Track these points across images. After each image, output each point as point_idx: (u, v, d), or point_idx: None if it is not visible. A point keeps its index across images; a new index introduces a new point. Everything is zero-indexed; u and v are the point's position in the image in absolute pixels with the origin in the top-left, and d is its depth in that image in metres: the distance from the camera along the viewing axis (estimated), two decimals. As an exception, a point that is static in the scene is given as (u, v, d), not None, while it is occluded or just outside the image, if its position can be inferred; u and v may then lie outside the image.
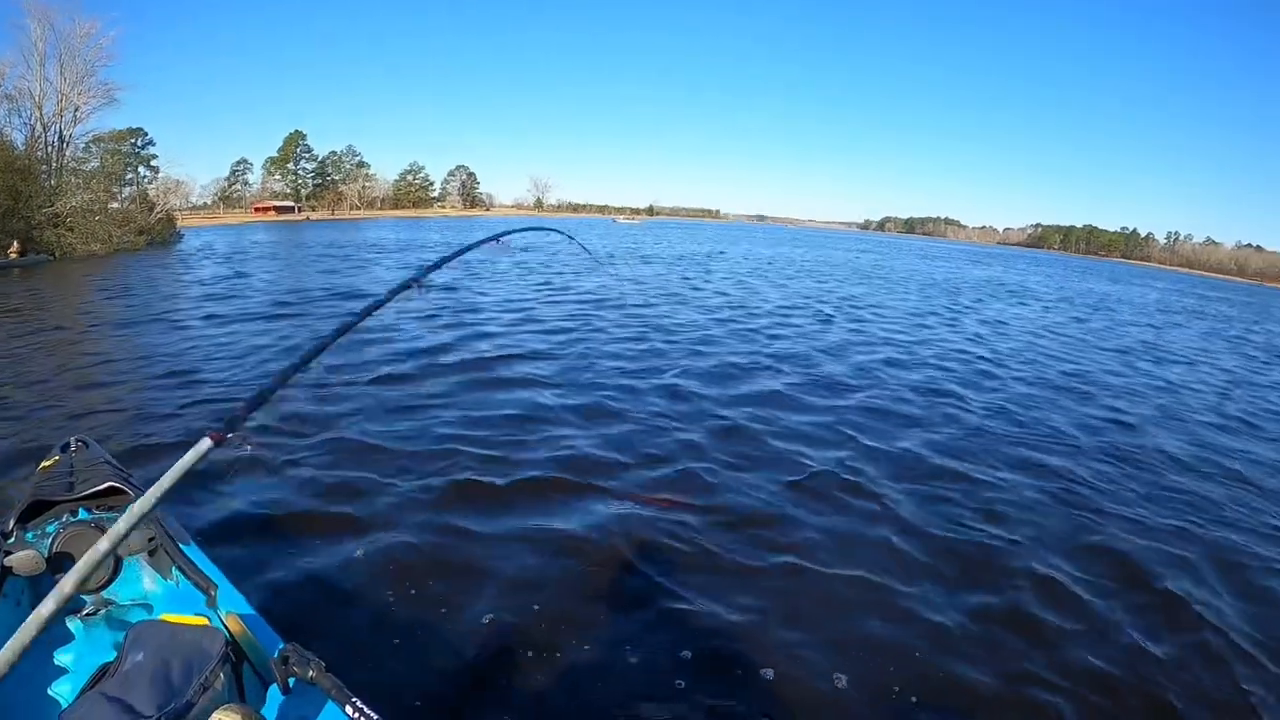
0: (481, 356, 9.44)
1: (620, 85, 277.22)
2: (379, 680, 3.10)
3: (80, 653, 2.13)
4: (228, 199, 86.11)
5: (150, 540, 2.52)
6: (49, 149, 30.28)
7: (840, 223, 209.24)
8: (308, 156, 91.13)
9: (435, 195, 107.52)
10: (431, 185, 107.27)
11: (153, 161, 59.27)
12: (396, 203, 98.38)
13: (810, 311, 16.82)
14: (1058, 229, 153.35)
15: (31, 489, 2.70)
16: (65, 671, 2.07)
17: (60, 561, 2.42)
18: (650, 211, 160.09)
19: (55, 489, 2.67)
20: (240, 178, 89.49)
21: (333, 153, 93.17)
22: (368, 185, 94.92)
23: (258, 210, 78.80)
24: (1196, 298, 42.45)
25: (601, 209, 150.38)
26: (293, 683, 1.79)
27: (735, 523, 4.94)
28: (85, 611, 2.36)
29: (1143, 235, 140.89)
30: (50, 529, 2.50)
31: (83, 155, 33.35)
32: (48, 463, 3.02)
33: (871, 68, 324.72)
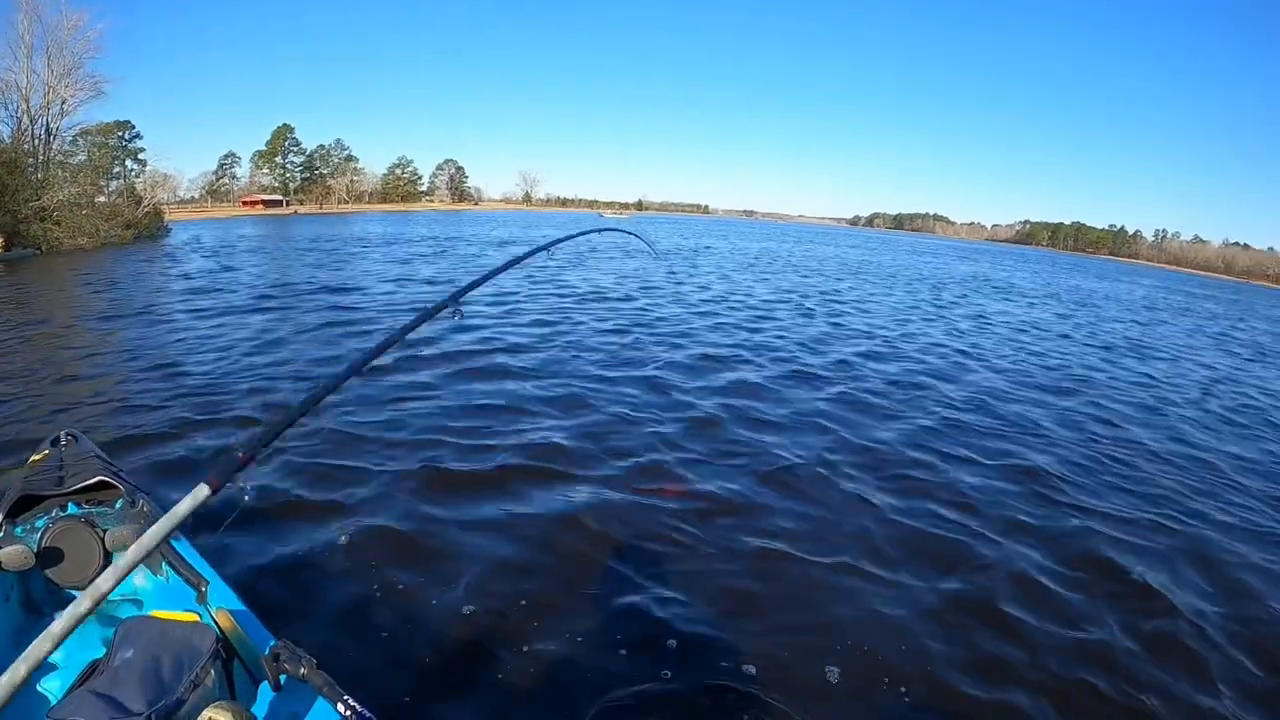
0: (464, 349, 9.50)
1: (610, 81, 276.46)
2: (360, 665, 3.14)
3: (69, 649, 2.01)
4: (215, 193, 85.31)
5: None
6: (35, 142, 30.00)
7: (829, 218, 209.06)
8: (296, 150, 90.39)
9: (423, 189, 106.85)
10: (420, 179, 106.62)
11: (140, 155, 58.51)
12: (385, 196, 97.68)
13: (792, 305, 16.93)
14: (1046, 226, 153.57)
15: (21, 483, 2.68)
16: (54, 668, 2.03)
17: (49, 556, 2.40)
18: (639, 206, 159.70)
19: (45, 483, 2.66)
20: (228, 171, 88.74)
21: (321, 146, 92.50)
22: (356, 179, 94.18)
23: (245, 204, 78.09)
24: (1184, 295, 42.76)
25: (591, 204, 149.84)
26: (284, 680, 1.79)
27: (713, 512, 5.01)
28: None
29: (1131, 233, 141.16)
30: (40, 524, 2.47)
31: (70, 148, 33.10)
32: (37, 457, 3.01)
33: (861, 64, 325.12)
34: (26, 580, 2.42)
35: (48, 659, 2.03)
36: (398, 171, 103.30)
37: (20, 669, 1.29)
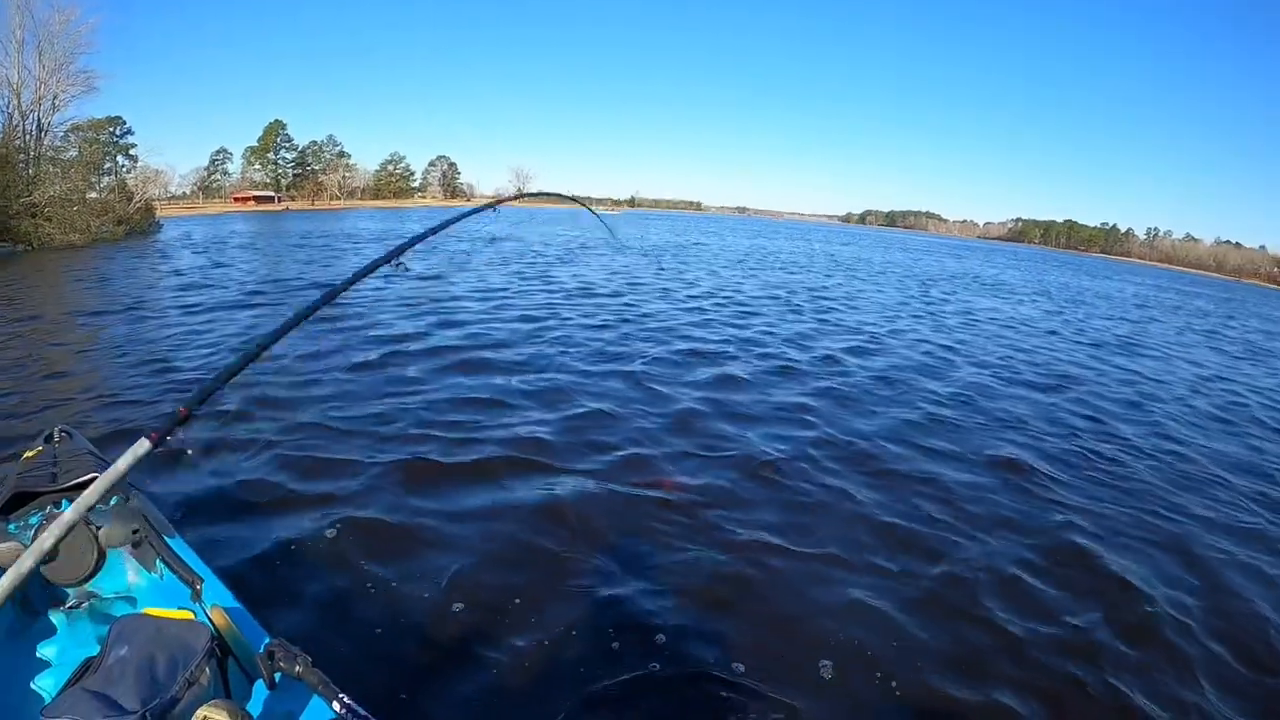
0: (450, 344, 9.55)
1: (605, 78, 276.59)
2: (347, 657, 3.17)
3: (63, 646, 2.08)
4: (207, 189, 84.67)
5: (135, 533, 2.43)
6: (27, 137, 29.71)
7: (822, 215, 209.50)
8: (288, 146, 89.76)
9: (416, 185, 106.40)
10: (412, 175, 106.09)
11: (132, 151, 57.94)
12: (377, 193, 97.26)
13: (780, 301, 17.01)
14: (1038, 224, 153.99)
15: (14, 480, 2.68)
16: (48, 665, 2.02)
17: None
18: (632, 203, 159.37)
19: (38, 480, 2.65)
20: (220, 167, 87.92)
21: (313, 142, 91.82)
22: (348, 175, 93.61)
23: (237, 200, 77.62)
24: (1175, 293, 42.92)
25: (585, 200, 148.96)
26: (279, 678, 1.78)
27: (698, 505, 5.06)
28: (68, 604, 2.30)
29: (1123, 231, 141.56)
30: (34, 520, 2.45)
31: (61, 144, 32.66)
32: (31, 453, 3.00)
33: (855, 62, 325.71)
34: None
35: (40, 653, 2.08)
36: (390, 167, 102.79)
37: None
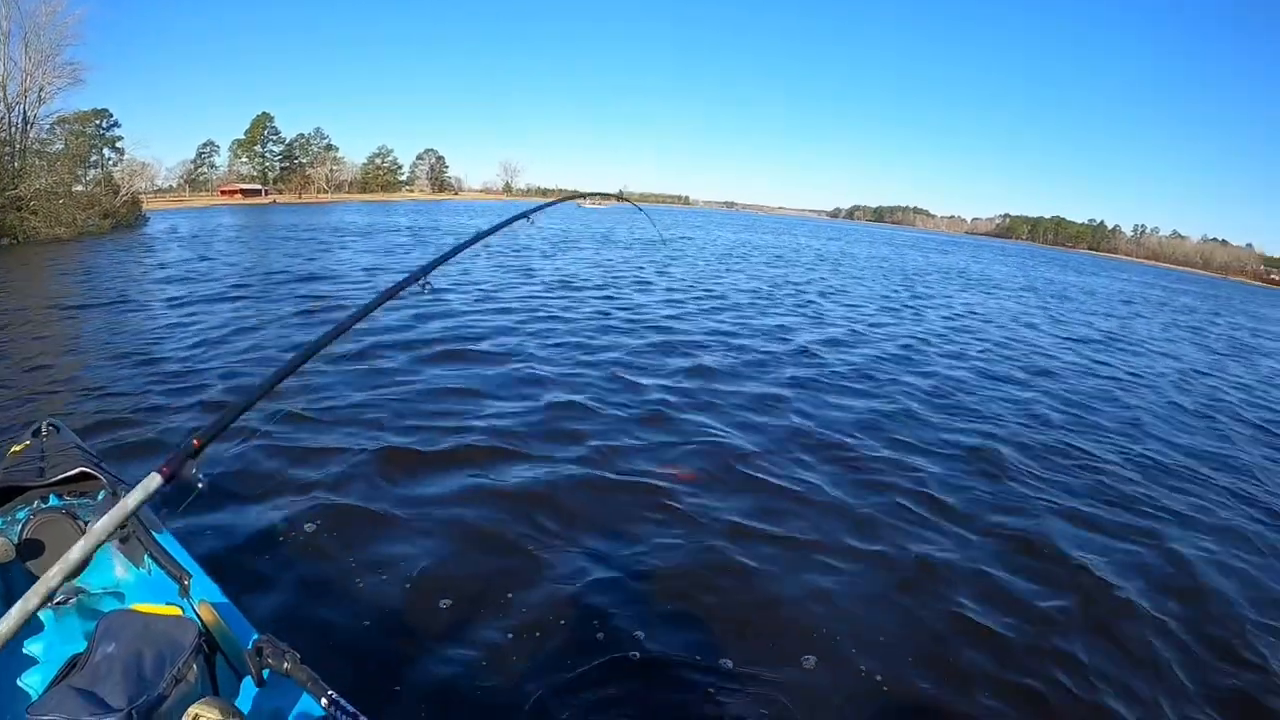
0: (438, 336, 9.62)
1: (594, 71, 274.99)
2: (331, 647, 3.19)
3: (50, 642, 2.06)
4: (194, 182, 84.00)
5: (122, 527, 2.31)
6: (12, 130, 29.33)
7: (810, 210, 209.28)
8: (275, 139, 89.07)
9: (404, 179, 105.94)
10: (400, 169, 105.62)
11: (118, 143, 57.62)
12: (365, 186, 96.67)
13: (763, 294, 17.13)
14: (1026, 220, 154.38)
15: (1, 474, 2.68)
16: (35, 662, 2.00)
17: (30, 548, 2.38)
18: (620, 197, 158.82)
19: (26, 474, 2.64)
20: (206, 160, 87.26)
21: (300, 135, 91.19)
22: (336, 168, 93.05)
23: (224, 193, 77.09)
24: (1162, 290, 43.27)
25: (572, 194, 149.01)
26: (267, 674, 1.77)
27: (677, 494, 5.12)
28: (56, 600, 2.23)
29: (1110, 227, 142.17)
30: (21, 515, 2.45)
31: (47, 136, 32.37)
32: (18, 447, 2.99)
33: (843, 58, 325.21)
34: (7, 573, 2.37)
35: (26, 649, 2.04)
36: (377, 161, 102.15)
37: None
